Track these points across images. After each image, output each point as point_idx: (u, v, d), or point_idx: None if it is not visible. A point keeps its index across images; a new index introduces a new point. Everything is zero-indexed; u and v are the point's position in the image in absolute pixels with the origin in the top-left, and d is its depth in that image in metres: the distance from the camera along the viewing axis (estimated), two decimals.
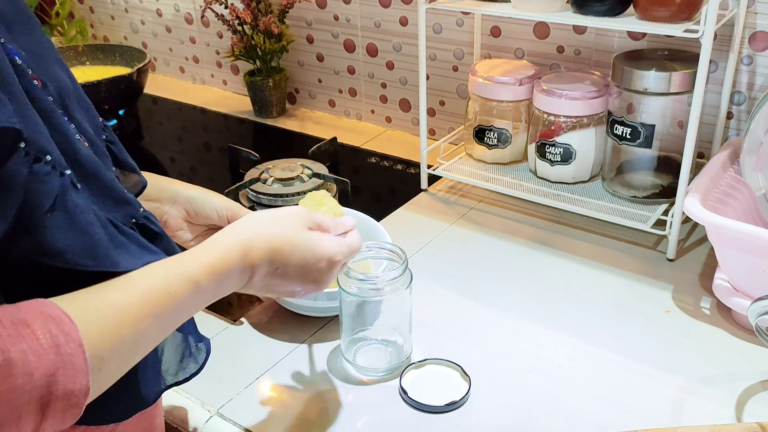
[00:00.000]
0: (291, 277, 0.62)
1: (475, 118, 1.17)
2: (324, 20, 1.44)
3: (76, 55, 1.61)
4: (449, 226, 1.08)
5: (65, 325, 0.43)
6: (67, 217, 0.48)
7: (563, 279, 0.95)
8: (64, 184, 0.48)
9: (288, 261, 0.60)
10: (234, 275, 0.57)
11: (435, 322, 0.88)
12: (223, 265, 0.56)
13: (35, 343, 0.41)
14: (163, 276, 0.52)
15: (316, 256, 0.62)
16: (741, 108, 1.06)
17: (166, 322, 0.52)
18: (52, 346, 0.42)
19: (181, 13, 1.70)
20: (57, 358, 0.42)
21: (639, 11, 0.90)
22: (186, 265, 0.54)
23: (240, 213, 0.79)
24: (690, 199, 0.85)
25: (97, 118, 0.60)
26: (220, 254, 0.56)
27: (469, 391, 0.76)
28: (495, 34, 1.24)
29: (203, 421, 0.75)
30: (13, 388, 0.40)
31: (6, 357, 0.40)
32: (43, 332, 0.42)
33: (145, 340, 0.51)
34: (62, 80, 0.55)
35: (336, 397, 0.77)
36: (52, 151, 0.47)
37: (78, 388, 0.43)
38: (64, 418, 0.43)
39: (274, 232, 0.61)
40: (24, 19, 0.53)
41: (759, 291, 0.75)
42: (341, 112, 1.53)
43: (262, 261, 0.59)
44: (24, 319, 0.42)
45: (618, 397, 0.75)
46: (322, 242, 0.63)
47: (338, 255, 0.64)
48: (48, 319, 0.43)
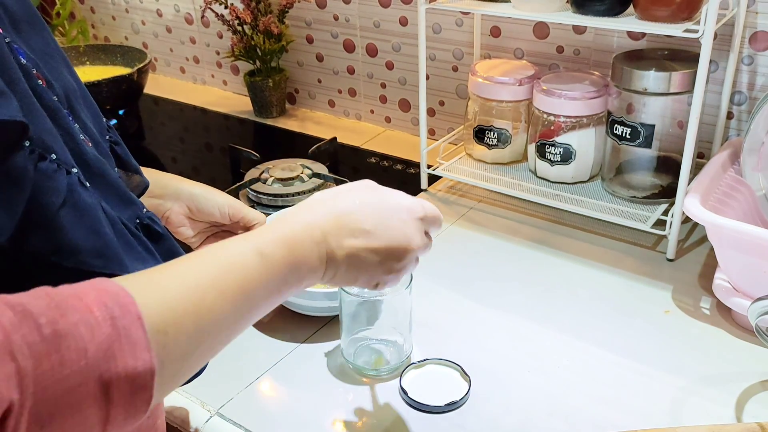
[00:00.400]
0: (375, 240, 0.55)
1: (474, 118, 1.17)
2: (323, 20, 1.44)
3: (77, 55, 1.61)
4: (449, 226, 1.08)
5: (121, 298, 0.40)
6: (77, 215, 0.47)
7: (563, 279, 0.95)
8: (71, 182, 0.47)
9: (361, 220, 0.55)
10: (306, 246, 0.52)
11: (435, 322, 0.88)
12: (291, 233, 0.52)
13: (88, 315, 0.37)
14: (225, 249, 0.49)
15: (391, 207, 0.57)
16: (741, 108, 1.06)
17: (233, 297, 0.47)
18: (107, 319, 0.38)
19: (182, 14, 1.70)
20: (113, 331, 0.38)
21: (639, 11, 0.90)
22: (249, 237, 0.51)
23: (242, 210, 0.79)
24: (690, 199, 0.85)
25: (102, 119, 0.61)
26: (286, 226, 0.53)
27: (469, 391, 0.76)
28: (495, 34, 1.24)
29: (203, 421, 0.75)
30: (64, 363, 0.35)
31: (55, 329, 0.36)
32: (98, 305, 0.38)
33: (212, 318, 0.46)
34: (68, 81, 0.55)
35: (336, 397, 0.77)
36: (58, 150, 0.47)
37: (141, 365, 0.38)
38: (134, 404, 0.39)
39: (336, 201, 0.56)
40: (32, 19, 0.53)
41: (759, 291, 0.75)
42: (341, 112, 1.53)
43: (331, 226, 0.54)
44: (76, 293, 0.39)
45: (618, 397, 0.75)
46: (395, 196, 0.59)
47: (416, 206, 0.59)
48: (102, 291, 0.39)
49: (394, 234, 0.57)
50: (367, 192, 0.58)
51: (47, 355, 0.35)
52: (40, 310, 0.36)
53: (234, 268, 0.47)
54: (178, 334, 0.42)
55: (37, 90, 0.48)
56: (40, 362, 0.35)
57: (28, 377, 0.34)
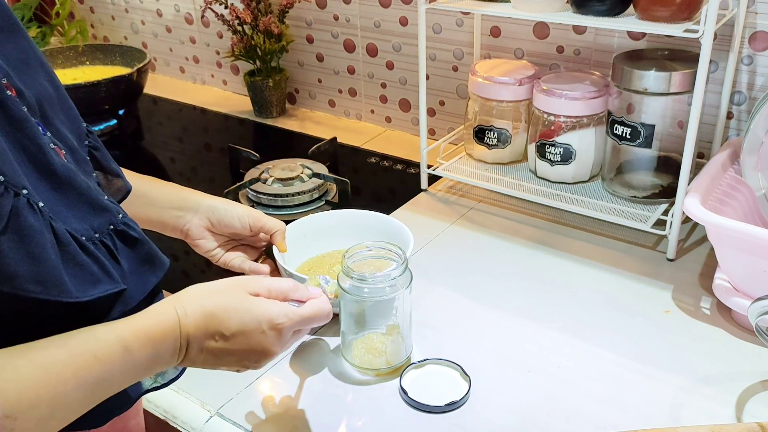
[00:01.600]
0: (232, 345, 0.59)
1: (474, 118, 1.17)
2: (324, 20, 1.44)
3: (77, 55, 1.61)
4: (449, 226, 1.08)
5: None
6: (18, 240, 0.46)
7: (563, 279, 0.95)
8: (17, 205, 0.46)
9: (224, 326, 0.58)
10: (167, 343, 0.55)
11: (435, 322, 0.88)
12: (156, 330, 0.54)
13: None
14: (91, 338, 0.50)
15: (255, 318, 0.59)
16: (741, 108, 1.06)
17: (92, 387, 0.49)
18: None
19: (181, 14, 1.70)
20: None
21: (639, 11, 0.90)
22: (117, 329, 0.52)
23: (262, 220, 0.82)
24: (690, 199, 0.85)
25: (81, 124, 0.60)
26: (153, 320, 0.54)
27: (469, 391, 0.76)
28: (495, 34, 1.24)
29: (203, 421, 0.75)
30: None
31: None
32: None
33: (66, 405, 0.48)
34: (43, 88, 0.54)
35: (336, 397, 0.77)
36: (8, 171, 0.46)
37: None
38: None
39: (209, 298, 0.58)
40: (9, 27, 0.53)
41: (759, 291, 0.75)
42: (341, 112, 1.53)
43: (196, 329, 0.56)
44: None
45: (618, 397, 0.75)
46: (262, 305, 0.61)
47: (280, 318, 0.61)
48: None
49: (251, 342, 0.59)
50: (239, 296, 0.60)
51: None
52: None
53: (98, 360, 0.49)
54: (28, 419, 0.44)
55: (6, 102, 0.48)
56: None
57: None
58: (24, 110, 0.50)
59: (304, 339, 0.85)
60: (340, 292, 0.77)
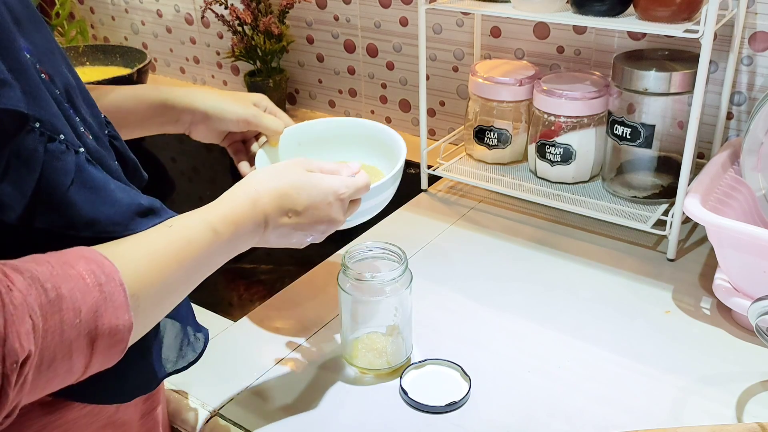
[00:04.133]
0: (304, 219, 0.64)
1: (475, 118, 1.17)
2: (324, 21, 1.44)
3: (77, 55, 1.61)
4: (449, 227, 1.08)
5: (106, 267, 0.47)
6: (88, 191, 0.51)
7: (563, 279, 0.95)
8: (79, 161, 0.51)
9: (297, 202, 0.63)
10: (248, 224, 0.60)
11: (435, 322, 0.88)
12: (236, 213, 0.59)
13: (81, 282, 0.45)
14: (182, 225, 0.56)
15: (322, 192, 0.65)
16: (741, 108, 1.06)
17: (190, 269, 0.55)
18: (96, 285, 0.45)
19: (182, 14, 1.70)
20: (101, 296, 0.45)
21: (639, 11, 0.90)
22: (203, 215, 0.58)
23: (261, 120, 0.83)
24: (690, 200, 0.85)
25: (100, 114, 0.62)
26: (232, 205, 0.60)
27: (469, 391, 0.76)
28: (495, 34, 1.24)
29: (203, 421, 0.75)
30: (64, 321, 0.43)
31: (58, 293, 0.43)
32: (88, 272, 0.45)
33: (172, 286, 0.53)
34: (67, 77, 0.57)
35: (336, 397, 0.77)
36: (66, 132, 0.50)
37: (121, 323, 0.46)
38: (110, 354, 0.47)
39: (278, 180, 0.64)
40: (33, 18, 0.55)
41: (759, 291, 0.75)
42: (341, 113, 1.53)
43: (272, 207, 0.62)
44: (69, 261, 0.46)
45: (618, 397, 0.75)
46: (325, 179, 0.66)
47: (342, 188, 0.67)
48: (90, 261, 0.46)
49: (320, 215, 0.66)
50: (303, 174, 0.66)
51: (52, 315, 0.42)
52: (45, 277, 0.43)
53: (191, 244, 0.55)
54: (146, 298, 0.50)
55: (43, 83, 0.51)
56: (47, 320, 0.42)
57: (39, 332, 0.41)
58: (58, 93, 0.53)
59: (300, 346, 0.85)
60: (340, 292, 0.77)
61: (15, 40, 0.48)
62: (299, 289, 0.96)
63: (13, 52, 0.47)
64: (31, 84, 0.48)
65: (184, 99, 0.81)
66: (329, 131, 0.91)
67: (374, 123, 0.90)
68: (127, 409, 0.62)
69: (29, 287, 0.42)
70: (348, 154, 0.88)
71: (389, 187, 0.79)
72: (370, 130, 0.89)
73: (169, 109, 0.80)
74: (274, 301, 0.93)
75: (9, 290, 0.41)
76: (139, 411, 0.64)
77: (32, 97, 0.48)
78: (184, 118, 0.81)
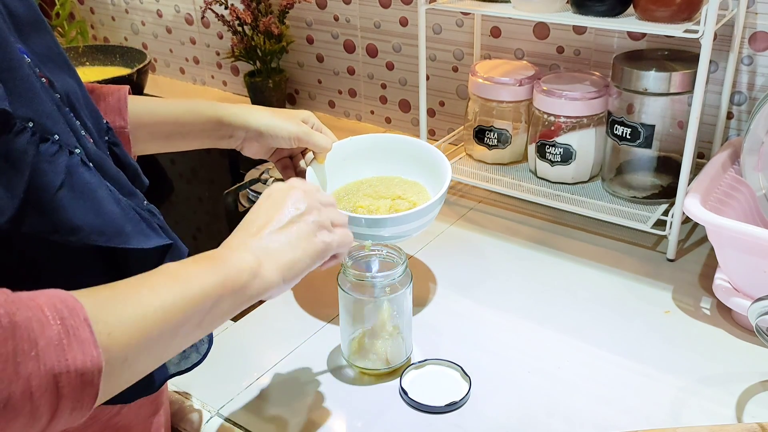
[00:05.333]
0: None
1: (474, 118, 1.17)
2: (324, 21, 1.44)
3: (77, 56, 1.61)
4: (449, 227, 1.08)
5: (69, 302, 0.43)
6: (78, 195, 0.50)
7: (563, 279, 0.95)
8: (72, 163, 0.50)
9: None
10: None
11: (435, 322, 0.88)
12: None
13: (39, 313, 0.41)
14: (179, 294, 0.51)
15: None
16: (741, 108, 1.06)
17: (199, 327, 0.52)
18: (57, 318, 0.41)
19: (182, 14, 1.70)
20: (62, 329, 0.41)
21: (639, 11, 0.90)
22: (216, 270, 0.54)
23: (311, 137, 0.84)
24: (690, 200, 0.85)
25: (102, 120, 0.62)
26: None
27: (469, 391, 0.76)
28: (495, 34, 1.24)
29: (203, 421, 0.75)
30: (17, 353, 0.39)
31: (12, 320, 0.39)
32: (48, 306, 0.41)
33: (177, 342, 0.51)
34: (69, 83, 0.57)
35: (336, 397, 0.77)
36: (60, 132, 0.50)
37: (89, 360, 0.42)
38: (81, 399, 0.42)
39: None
40: (35, 24, 0.55)
41: (759, 291, 0.75)
42: (341, 113, 1.53)
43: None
44: (29, 296, 0.42)
45: (618, 397, 0.75)
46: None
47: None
48: (52, 296, 0.43)
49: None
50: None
51: (4, 342, 0.38)
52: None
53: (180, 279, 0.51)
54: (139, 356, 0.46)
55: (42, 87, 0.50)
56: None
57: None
58: (57, 97, 0.52)
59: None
60: (340, 292, 0.77)
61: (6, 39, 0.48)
62: (299, 289, 0.96)
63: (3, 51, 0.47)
64: (23, 83, 0.48)
65: (239, 116, 0.83)
66: (373, 147, 0.94)
67: (420, 141, 0.93)
68: (129, 412, 0.61)
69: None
70: (391, 169, 0.89)
71: (435, 208, 0.82)
72: (415, 148, 0.92)
73: (225, 125, 0.82)
74: (274, 302, 0.93)
75: None
76: (142, 414, 0.64)
77: (24, 97, 0.48)
78: (238, 134, 0.83)
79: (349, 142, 0.92)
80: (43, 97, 0.50)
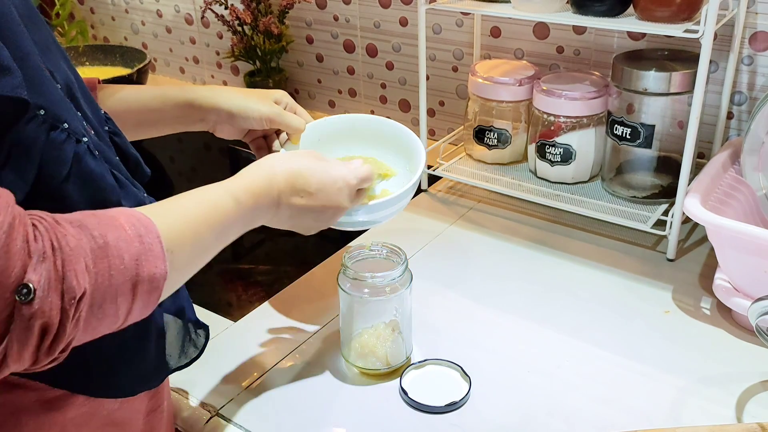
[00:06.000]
0: (314, 201, 0.68)
1: (474, 118, 1.17)
2: (324, 21, 1.44)
3: (77, 55, 1.61)
4: (449, 227, 1.08)
5: (144, 221, 0.50)
6: (82, 184, 0.53)
7: (563, 279, 0.95)
8: (79, 151, 0.52)
9: (309, 183, 0.67)
10: (264, 198, 0.64)
11: (435, 322, 0.88)
12: (254, 185, 0.63)
13: (123, 232, 0.48)
14: (206, 193, 0.60)
15: (332, 177, 0.69)
16: (741, 108, 1.06)
17: (217, 231, 0.59)
18: (137, 236, 0.49)
19: (181, 14, 1.70)
20: (141, 246, 0.49)
21: (639, 11, 0.90)
22: (225, 185, 0.62)
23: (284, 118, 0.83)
24: (690, 200, 0.85)
25: (100, 111, 0.63)
26: (250, 179, 0.64)
27: (469, 391, 0.76)
28: (495, 34, 1.24)
29: (203, 422, 0.75)
30: (111, 266, 0.47)
31: (105, 240, 0.47)
32: (129, 225, 0.49)
33: (202, 245, 0.57)
34: (68, 74, 0.57)
35: (336, 397, 0.77)
36: (69, 120, 0.52)
37: (158, 272, 0.50)
38: (148, 300, 0.50)
39: (293, 162, 0.68)
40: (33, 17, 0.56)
41: (759, 291, 0.75)
42: (341, 113, 1.52)
43: (286, 185, 0.66)
44: (112, 215, 0.49)
45: (618, 397, 0.75)
46: (336, 166, 0.71)
47: (351, 176, 0.71)
48: (130, 216, 0.50)
49: (330, 198, 0.69)
50: (314, 159, 0.70)
51: (101, 259, 0.46)
52: (92, 226, 0.47)
53: (218, 209, 0.59)
54: (180, 254, 0.53)
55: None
56: (97, 263, 0.46)
57: (91, 273, 0.45)
58: (58, 88, 0.53)
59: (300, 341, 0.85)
60: (340, 292, 0.77)
61: (20, 29, 0.49)
62: (299, 289, 0.96)
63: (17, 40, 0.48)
64: (35, 72, 0.50)
65: (209, 99, 0.81)
66: (348, 128, 0.90)
67: (394, 123, 0.89)
68: (129, 408, 0.62)
69: (80, 233, 0.46)
70: (365, 151, 0.88)
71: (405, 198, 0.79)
72: (389, 128, 0.89)
73: (195, 108, 0.81)
74: (274, 302, 0.93)
75: (64, 235, 0.45)
76: (143, 409, 0.64)
77: (35, 85, 0.49)
78: (209, 117, 0.82)
79: (323, 122, 0.88)
80: (53, 85, 0.52)
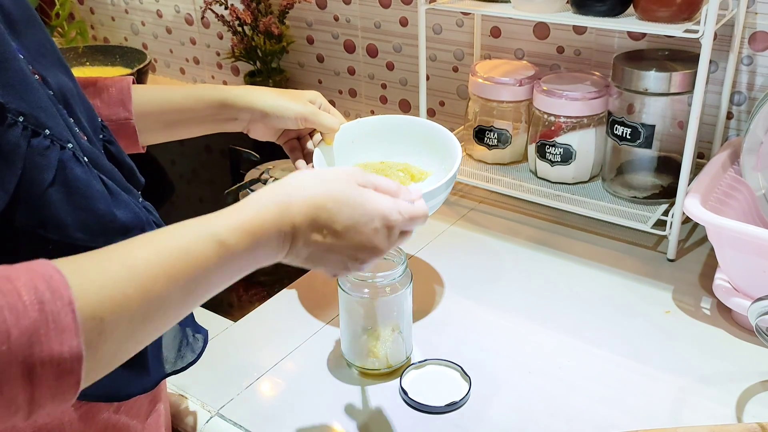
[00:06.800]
0: (341, 241, 0.54)
1: (475, 118, 1.17)
2: (324, 21, 1.44)
3: (76, 56, 1.61)
4: (449, 227, 1.08)
5: (54, 282, 0.39)
6: (67, 191, 0.49)
7: (563, 279, 0.95)
8: (64, 158, 0.49)
9: (335, 219, 0.53)
10: (271, 237, 0.51)
11: (435, 322, 0.88)
12: (256, 222, 0.50)
13: (15, 299, 0.37)
14: (179, 234, 0.48)
15: (368, 213, 0.55)
16: (741, 108, 1.06)
17: (187, 285, 0.46)
18: (35, 303, 0.38)
19: (182, 14, 1.70)
20: (40, 316, 0.38)
21: (639, 11, 0.90)
22: (210, 222, 0.49)
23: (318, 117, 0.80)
24: (690, 200, 0.85)
25: (97, 118, 0.62)
26: (253, 212, 0.51)
27: (469, 391, 0.76)
28: (495, 34, 1.24)
29: (203, 422, 0.75)
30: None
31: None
32: (27, 289, 0.38)
33: (161, 304, 0.45)
34: (63, 80, 0.56)
35: (336, 397, 0.77)
36: (53, 126, 0.49)
37: (67, 350, 0.38)
38: (59, 387, 0.39)
39: (318, 188, 0.54)
40: (28, 19, 0.55)
41: (759, 291, 0.75)
42: (341, 113, 1.52)
43: (303, 220, 0.52)
44: (8, 275, 0.39)
45: (618, 397, 0.75)
46: (377, 199, 0.56)
47: (394, 214, 0.56)
48: (36, 274, 0.39)
49: (361, 240, 0.55)
50: (350, 188, 0.56)
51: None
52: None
53: (189, 255, 0.46)
54: (118, 320, 0.42)
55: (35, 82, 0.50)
56: None
57: None
58: (50, 94, 0.52)
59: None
60: (340, 292, 0.77)
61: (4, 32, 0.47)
62: (299, 289, 0.96)
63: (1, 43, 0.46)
64: (16, 75, 0.47)
65: (242, 98, 0.79)
66: (382, 129, 0.89)
67: (428, 122, 0.88)
68: (127, 411, 0.61)
69: None
70: (399, 154, 0.87)
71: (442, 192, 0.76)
72: (424, 129, 0.87)
73: (228, 108, 0.79)
74: (274, 302, 0.93)
75: None
76: (140, 413, 0.63)
77: (16, 88, 0.47)
78: (242, 116, 0.79)
79: (357, 123, 0.88)
80: (38, 91, 0.49)
